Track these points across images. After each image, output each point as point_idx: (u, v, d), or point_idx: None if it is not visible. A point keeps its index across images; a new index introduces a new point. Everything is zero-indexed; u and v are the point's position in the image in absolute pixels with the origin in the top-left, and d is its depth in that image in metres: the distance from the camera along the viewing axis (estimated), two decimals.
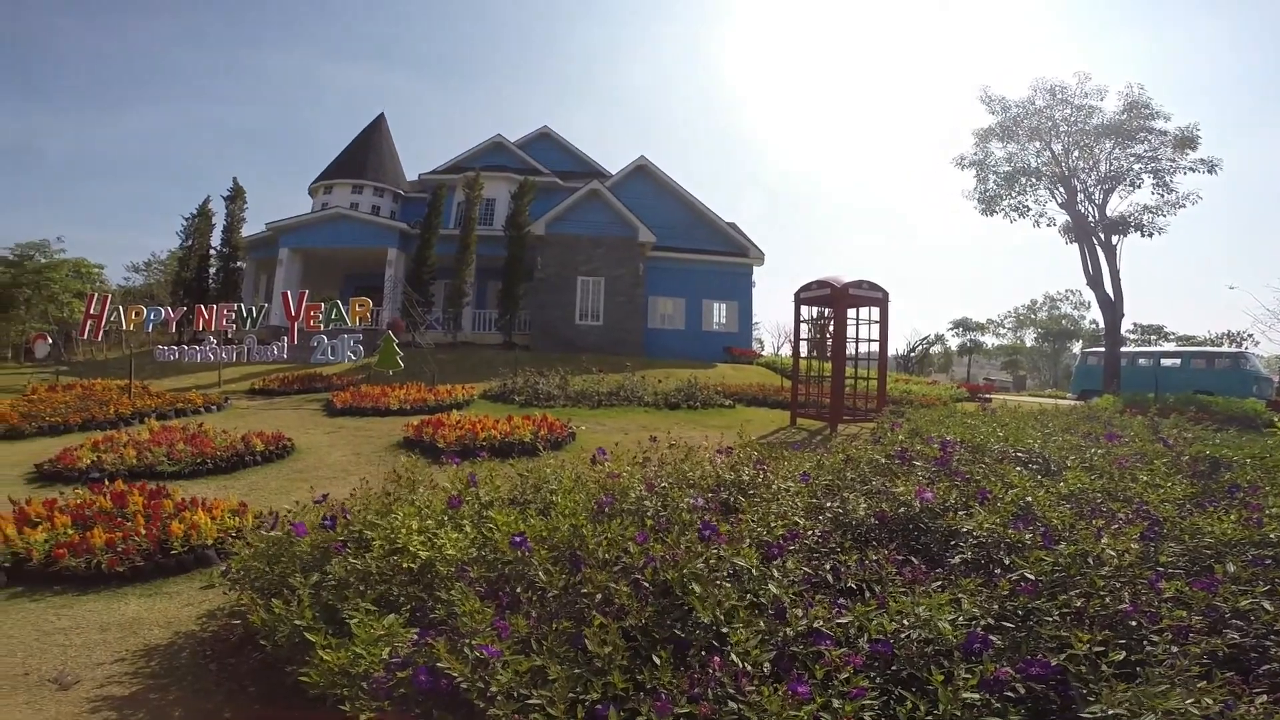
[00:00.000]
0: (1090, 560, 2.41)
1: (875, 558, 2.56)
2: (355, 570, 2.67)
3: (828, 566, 2.58)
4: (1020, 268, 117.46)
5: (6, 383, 15.00)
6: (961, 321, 60.61)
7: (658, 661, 2.01)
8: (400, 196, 26.61)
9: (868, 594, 2.38)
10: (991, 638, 2.00)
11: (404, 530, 2.81)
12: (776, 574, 2.39)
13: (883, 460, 4.14)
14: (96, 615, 4.03)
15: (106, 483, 6.10)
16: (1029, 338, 66.14)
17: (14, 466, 7.70)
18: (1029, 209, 22.86)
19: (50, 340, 17.87)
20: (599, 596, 2.42)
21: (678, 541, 2.53)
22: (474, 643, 2.20)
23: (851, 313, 10.57)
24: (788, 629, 2.11)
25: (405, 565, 2.73)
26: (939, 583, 2.38)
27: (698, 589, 2.24)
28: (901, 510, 3.09)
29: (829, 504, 3.26)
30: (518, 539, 2.69)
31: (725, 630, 2.16)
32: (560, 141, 29.33)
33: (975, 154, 23.30)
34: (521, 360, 16.26)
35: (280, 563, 2.98)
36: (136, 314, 13.42)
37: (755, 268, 25.28)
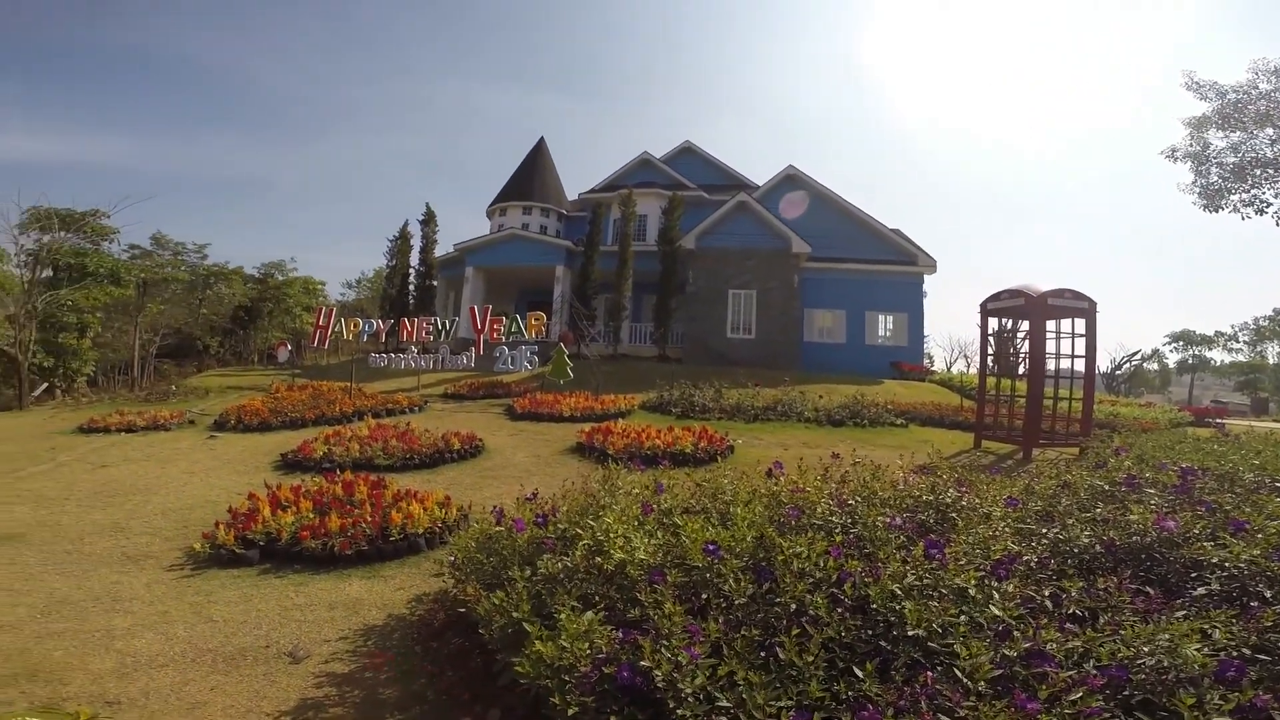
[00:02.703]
0: None
1: (1104, 585, 2.49)
2: (564, 567, 2.86)
3: (1046, 592, 2.50)
4: (1259, 271, 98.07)
5: (256, 382, 18.05)
6: (1182, 334, 52.01)
7: (860, 673, 2.02)
8: (563, 216, 28.25)
9: (1099, 621, 2.31)
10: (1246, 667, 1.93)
11: (610, 533, 2.96)
12: (996, 595, 2.32)
13: (1106, 487, 3.84)
14: (326, 594, 4.46)
15: (337, 472, 7.05)
16: (1272, 353, 54.74)
17: (265, 455, 9.16)
18: (1268, 204, 19.38)
19: (289, 346, 21.37)
20: (793, 607, 2.43)
21: (889, 558, 2.47)
22: (673, 644, 2.28)
23: (1050, 325, 9.50)
24: (1009, 649, 2.05)
25: (604, 566, 2.88)
26: (1182, 613, 2.28)
27: (909, 604, 2.22)
28: (1134, 539, 2.95)
29: (1046, 530, 3.15)
30: (711, 546, 2.75)
31: (934, 645, 2.14)
32: (704, 155, 29.55)
33: (1191, 145, 20.26)
34: (676, 373, 16.52)
35: (497, 554, 3.26)
36: (355, 325, 15.65)
37: (926, 276, 23.58)
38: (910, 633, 2.15)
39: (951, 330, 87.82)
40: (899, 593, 2.33)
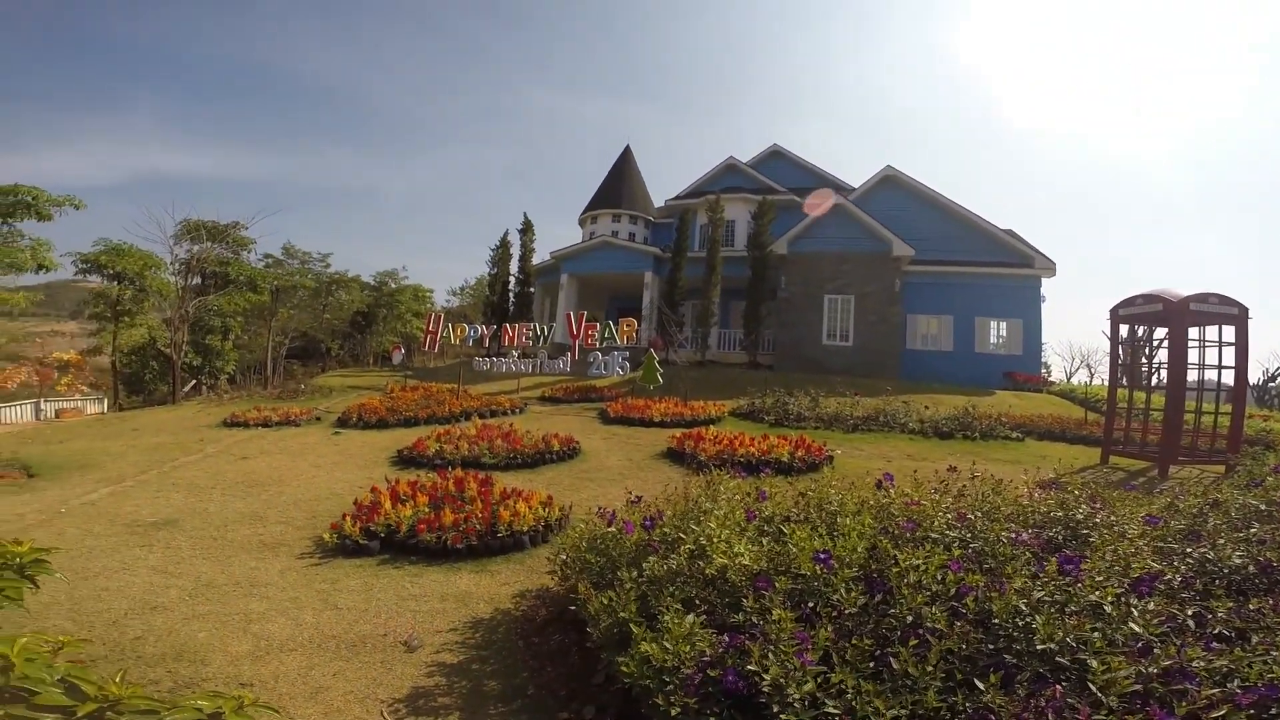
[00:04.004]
0: None
1: (1257, 606, 2.41)
2: (669, 570, 2.91)
3: (1190, 612, 2.42)
4: None
5: (372, 382, 19.38)
6: None
7: (981, 685, 2.00)
8: (650, 223, 28.51)
9: (1251, 641, 2.22)
10: None
11: (714, 538, 2.98)
12: (1135, 612, 2.25)
13: (1262, 506, 3.58)
14: (438, 586, 4.67)
15: (448, 469, 7.46)
16: None
17: (383, 450, 9.80)
18: None
19: (402, 349, 22.91)
20: (909, 619, 2.38)
21: (1015, 573, 2.41)
22: (782, 649, 2.27)
23: (1193, 333, 8.61)
24: (1148, 666, 1.98)
25: (707, 571, 2.91)
26: None
27: (1041, 619, 2.18)
28: None
29: (1191, 550, 3.02)
30: (823, 555, 2.72)
31: (1062, 660, 2.09)
32: (793, 158, 28.82)
33: None
34: (768, 380, 16.27)
35: (605, 555, 3.35)
36: (461, 331, 16.61)
37: (1044, 279, 21.83)
38: (1039, 647, 2.11)
39: (1072, 338, 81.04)
40: (1025, 608, 2.26)
